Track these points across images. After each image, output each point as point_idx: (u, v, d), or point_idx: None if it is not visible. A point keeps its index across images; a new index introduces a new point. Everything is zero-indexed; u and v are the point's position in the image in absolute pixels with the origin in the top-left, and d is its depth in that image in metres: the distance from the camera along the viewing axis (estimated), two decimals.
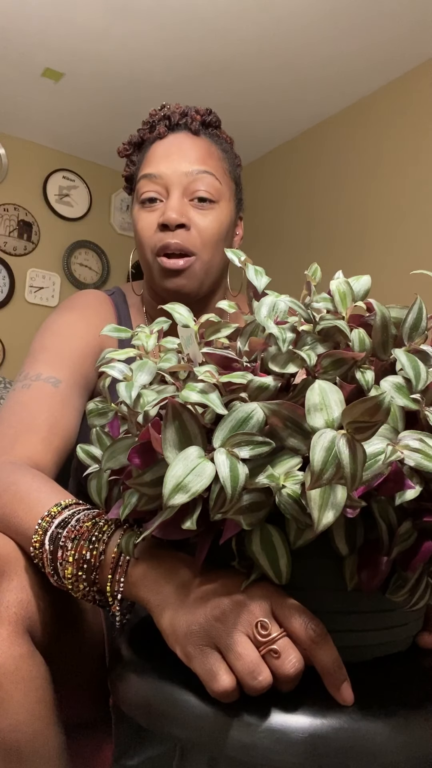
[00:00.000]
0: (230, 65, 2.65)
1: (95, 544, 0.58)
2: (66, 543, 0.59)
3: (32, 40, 2.55)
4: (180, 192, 0.95)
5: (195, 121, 0.98)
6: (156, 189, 0.96)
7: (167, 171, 0.95)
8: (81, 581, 0.59)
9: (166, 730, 0.50)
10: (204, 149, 0.98)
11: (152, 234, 0.95)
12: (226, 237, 0.99)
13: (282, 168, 3.27)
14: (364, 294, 0.56)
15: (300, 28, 2.40)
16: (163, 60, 2.64)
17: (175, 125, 0.99)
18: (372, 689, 0.51)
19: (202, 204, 0.95)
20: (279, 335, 0.51)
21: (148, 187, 0.96)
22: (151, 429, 0.50)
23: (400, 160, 2.60)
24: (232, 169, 1.02)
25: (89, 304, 1.01)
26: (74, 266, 3.57)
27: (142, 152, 1.01)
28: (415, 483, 0.47)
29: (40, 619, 0.63)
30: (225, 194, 0.98)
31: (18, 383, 0.88)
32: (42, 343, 0.93)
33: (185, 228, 0.93)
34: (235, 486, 0.44)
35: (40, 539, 0.61)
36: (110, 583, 0.57)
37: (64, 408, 0.86)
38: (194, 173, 0.94)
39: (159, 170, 0.96)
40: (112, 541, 0.58)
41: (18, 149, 3.40)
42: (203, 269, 0.95)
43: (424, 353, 0.54)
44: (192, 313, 0.61)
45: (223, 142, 1.02)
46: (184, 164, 0.95)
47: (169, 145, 0.97)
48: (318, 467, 0.42)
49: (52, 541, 0.60)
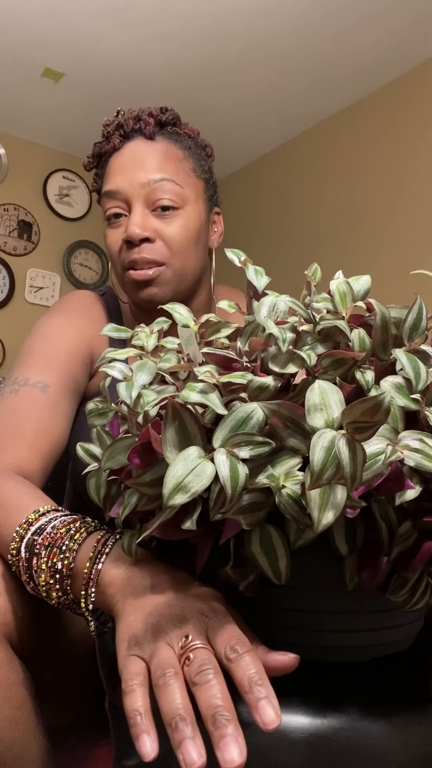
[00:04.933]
0: (230, 65, 2.65)
1: (65, 553, 0.57)
2: (40, 550, 0.58)
3: (32, 40, 2.55)
4: (141, 204, 0.93)
5: (148, 125, 0.96)
6: (118, 204, 0.95)
7: (124, 185, 0.93)
8: (54, 590, 0.58)
9: (166, 730, 0.49)
10: (161, 153, 0.95)
11: (119, 251, 0.95)
12: (198, 240, 0.97)
13: (282, 168, 3.27)
14: (364, 294, 0.56)
15: (299, 30, 2.40)
16: (162, 60, 2.64)
17: (130, 132, 0.96)
18: (372, 689, 0.51)
19: (166, 213, 0.93)
20: (279, 335, 0.51)
21: (110, 204, 0.95)
22: (151, 429, 0.50)
23: (400, 160, 2.60)
24: (197, 166, 0.99)
25: (79, 306, 1.01)
26: (74, 266, 3.57)
27: (102, 166, 1.00)
28: (415, 483, 0.47)
29: (19, 624, 0.63)
30: (190, 196, 0.96)
31: (6, 388, 0.88)
32: (31, 347, 0.93)
33: (150, 241, 0.92)
34: (235, 486, 0.44)
35: (17, 546, 0.61)
36: (83, 596, 0.56)
37: (53, 413, 0.85)
38: (152, 183, 0.92)
39: (117, 185, 0.94)
40: (83, 548, 0.57)
41: (18, 149, 3.40)
42: (176, 277, 0.94)
43: (424, 353, 0.53)
44: (192, 313, 0.61)
45: (184, 139, 0.99)
46: (141, 175, 0.93)
47: (124, 157, 0.95)
48: (318, 467, 0.42)
49: (28, 549, 0.60)
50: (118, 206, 0.95)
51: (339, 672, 0.52)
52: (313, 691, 0.49)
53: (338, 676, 0.52)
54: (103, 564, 0.56)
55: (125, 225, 0.94)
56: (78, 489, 0.99)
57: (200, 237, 0.97)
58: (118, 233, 0.95)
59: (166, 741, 0.41)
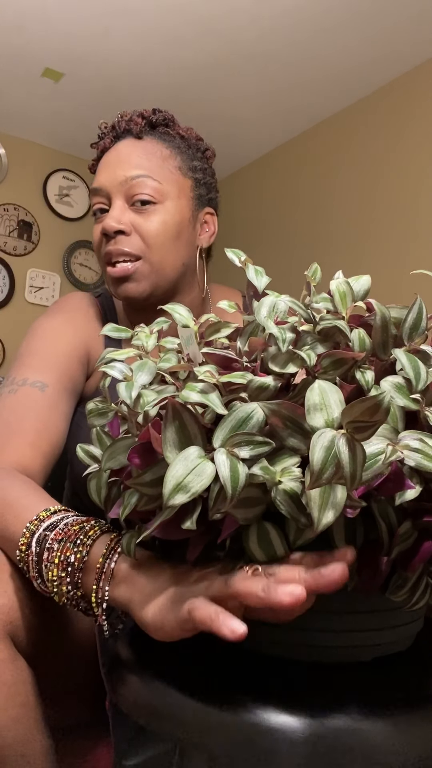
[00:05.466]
0: (230, 65, 2.65)
1: (79, 547, 0.58)
2: (53, 545, 0.59)
3: (32, 40, 2.55)
4: (121, 199, 0.96)
5: (137, 125, 0.99)
6: (102, 200, 0.98)
7: (106, 181, 0.97)
8: (64, 584, 0.58)
9: (166, 730, 0.50)
10: (144, 151, 0.97)
11: (99, 243, 0.98)
12: (178, 236, 0.97)
13: (282, 168, 3.27)
14: (364, 294, 0.56)
15: (300, 28, 2.40)
16: (162, 60, 2.64)
17: (121, 133, 1.00)
18: (372, 689, 0.51)
19: (144, 207, 0.95)
20: (279, 335, 0.51)
21: (95, 200, 0.99)
22: (151, 429, 0.50)
23: (400, 160, 2.60)
24: (185, 164, 1.00)
25: (76, 307, 1.02)
26: (74, 266, 3.57)
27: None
28: (415, 483, 0.47)
29: (24, 623, 0.63)
30: (170, 193, 0.97)
31: (5, 389, 0.88)
32: (29, 348, 0.94)
33: (125, 234, 0.95)
34: (235, 486, 0.44)
35: (27, 541, 0.61)
36: (95, 590, 0.57)
37: (52, 412, 0.86)
38: (130, 179, 0.95)
39: (100, 182, 0.98)
40: (96, 544, 0.58)
41: (18, 149, 3.40)
42: (153, 271, 0.95)
43: (424, 353, 0.54)
44: (192, 313, 0.61)
45: (173, 138, 1.01)
46: (120, 172, 0.96)
47: (110, 155, 0.99)
48: (317, 467, 0.42)
49: (39, 544, 0.60)
50: (101, 202, 0.99)
51: (339, 672, 0.52)
52: (313, 691, 0.49)
53: (338, 676, 0.52)
54: (116, 562, 0.57)
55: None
56: (77, 490, 0.99)
57: (181, 233, 0.98)
58: (98, 229, 0.99)
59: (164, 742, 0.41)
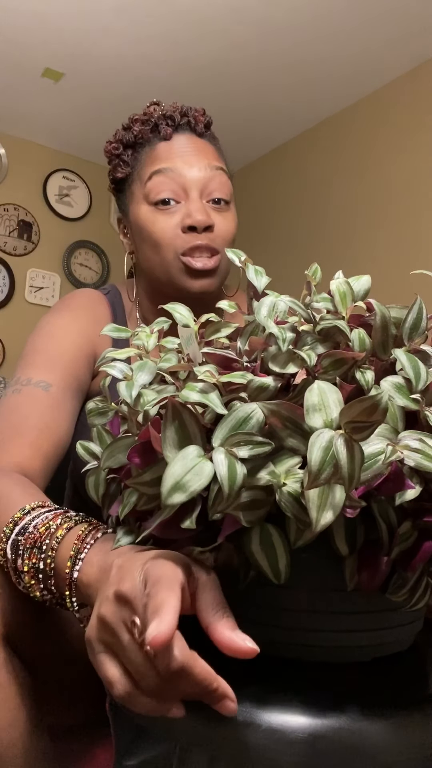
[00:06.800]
0: (231, 65, 2.65)
1: (46, 552, 0.57)
2: (24, 551, 0.58)
3: (32, 40, 2.55)
4: (198, 193, 0.94)
5: (199, 123, 0.98)
6: (172, 188, 0.93)
7: (183, 170, 0.93)
8: (37, 589, 0.57)
9: (166, 730, 0.50)
10: (213, 149, 0.98)
11: (174, 236, 0.92)
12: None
13: (282, 168, 3.27)
14: (364, 294, 0.56)
15: (300, 29, 2.40)
16: (162, 60, 2.64)
17: (179, 126, 0.97)
18: (372, 689, 0.51)
19: (219, 205, 0.95)
20: (279, 335, 0.51)
21: (163, 186, 0.93)
22: (151, 428, 0.50)
23: (400, 160, 2.60)
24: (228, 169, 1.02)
25: (83, 305, 1.00)
26: (74, 266, 3.57)
27: (140, 152, 0.98)
28: (415, 483, 0.47)
29: (18, 625, 0.63)
30: (232, 195, 0.99)
31: (9, 388, 0.88)
32: (34, 346, 0.93)
33: (211, 230, 0.93)
34: (232, 485, 0.44)
35: (4, 547, 0.60)
36: (68, 596, 0.55)
37: (55, 412, 0.85)
38: (210, 173, 0.94)
39: (176, 165, 0.94)
40: (63, 547, 0.56)
41: (18, 149, 3.40)
42: (225, 269, 0.96)
43: (424, 353, 0.54)
44: (192, 313, 0.61)
45: (218, 143, 1.02)
46: (200, 164, 0.94)
47: (180, 145, 0.96)
48: (315, 467, 0.42)
49: (13, 550, 0.59)
50: (171, 190, 0.93)
51: (339, 672, 0.52)
52: (313, 691, 0.49)
53: (338, 676, 0.52)
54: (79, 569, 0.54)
55: (181, 212, 0.93)
56: (78, 488, 0.99)
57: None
58: (173, 219, 0.93)
59: (164, 742, 0.41)
